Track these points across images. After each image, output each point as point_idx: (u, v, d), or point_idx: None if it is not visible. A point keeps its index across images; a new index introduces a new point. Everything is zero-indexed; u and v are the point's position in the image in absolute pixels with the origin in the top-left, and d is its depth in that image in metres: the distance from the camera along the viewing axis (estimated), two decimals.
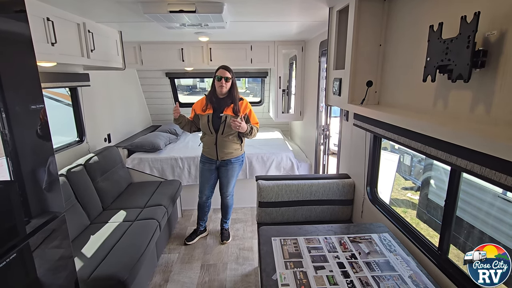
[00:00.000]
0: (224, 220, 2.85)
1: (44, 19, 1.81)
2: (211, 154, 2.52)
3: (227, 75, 2.34)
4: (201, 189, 2.68)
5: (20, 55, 1.11)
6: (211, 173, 2.60)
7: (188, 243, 2.74)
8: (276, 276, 1.26)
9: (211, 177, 2.62)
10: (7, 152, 1.03)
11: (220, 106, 2.41)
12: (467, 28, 0.92)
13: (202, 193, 2.68)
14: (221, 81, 2.33)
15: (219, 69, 2.37)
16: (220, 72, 2.35)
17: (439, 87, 1.16)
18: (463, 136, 0.88)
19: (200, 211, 2.77)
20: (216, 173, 2.63)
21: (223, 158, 2.51)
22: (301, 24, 2.66)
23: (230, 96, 2.39)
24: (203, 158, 2.61)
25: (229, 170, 2.57)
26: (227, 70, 2.35)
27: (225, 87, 2.35)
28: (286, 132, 5.00)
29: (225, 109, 2.40)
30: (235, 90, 2.40)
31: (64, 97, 2.93)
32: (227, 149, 2.47)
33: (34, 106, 1.14)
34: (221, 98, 2.40)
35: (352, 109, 1.70)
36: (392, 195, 4.13)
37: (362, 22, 1.58)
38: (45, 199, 1.22)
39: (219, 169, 2.59)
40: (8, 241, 1.03)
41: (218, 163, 2.56)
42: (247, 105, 2.47)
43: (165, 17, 2.03)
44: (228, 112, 2.39)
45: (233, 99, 2.39)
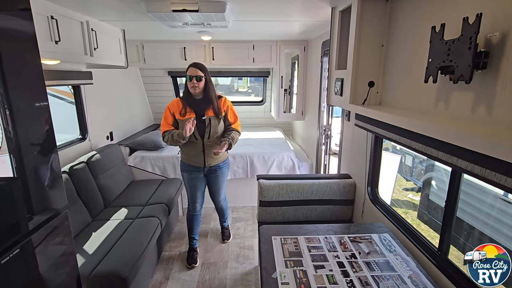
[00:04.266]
0: (222, 220, 2.82)
1: (48, 17, 1.82)
2: (197, 162, 2.29)
3: (199, 73, 2.08)
4: (192, 200, 2.41)
5: (25, 53, 1.12)
6: (200, 181, 2.38)
7: (195, 265, 2.44)
8: (276, 274, 1.26)
9: (202, 185, 2.41)
10: (11, 149, 1.04)
11: (199, 109, 2.17)
12: (469, 30, 0.92)
13: (194, 204, 2.43)
14: (192, 81, 2.07)
15: (190, 67, 2.10)
16: (190, 71, 2.08)
17: (440, 88, 1.17)
18: (464, 137, 0.88)
19: (193, 224, 2.49)
20: (205, 180, 2.42)
21: (211, 164, 2.31)
22: (304, 24, 2.66)
23: (206, 96, 2.16)
24: (187, 167, 2.33)
25: (219, 176, 2.40)
26: (198, 68, 2.09)
27: (198, 87, 2.09)
28: (288, 131, 5.00)
29: (205, 111, 2.18)
30: (210, 89, 2.15)
31: (67, 95, 2.95)
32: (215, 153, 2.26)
33: (38, 103, 1.15)
34: (199, 100, 2.17)
35: (354, 109, 1.70)
36: (393, 195, 4.13)
37: (365, 23, 1.58)
38: (47, 196, 1.23)
39: (208, 176, 2.39)
40: (11, 237, 1.04)
41: (206, 170, 2.35)
42: (226, 102, 2.25)
43: (168, 16, 2.04)
44: (210, 114, 2.18)
45: (210, 99, 2.16)
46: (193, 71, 2.08)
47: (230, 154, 3.27)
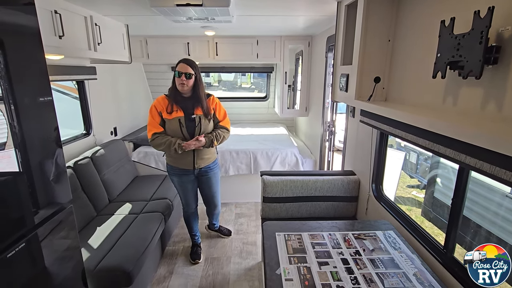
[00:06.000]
0: (213, 223, 2.72)
1: (52, 12, 1.81)
2: (186, 165, 2.15)
3: (189, 71, 1.96)
4: (187, 202, 2.35)
5: (29, 48, 1.12)
6: (192, 183, 2.29)
7: (199, 261, 2.44)
8: (280, 270, 1.26)
9: (194, 187, 2.33)
10: (16, 143, 1.05)
11: (187, 107, 2.05)
12: (480, 23, 0.89)
13: (189, 206, 2.37)
14: (181, 78, 1.95)
15: (180, 63, 1.98)
16: (180, 67, 1.96)
17: (449, 83, 1.14)
18: (473, 134, 0.86)
19: (192, 223, 2.48)
20: (196, 182, 2.32)
21: (201, 166, 2.19)
22: (308, 18, 2.63)
23: (195, 95, 2.04)
24: (175, 170, 2.20)
25: (211, 178, 2.30)
26: (189, 65, 1.97)
27: (186, 85, 1.97)
28: (291, 128, 4.98)
29: (194, 110, 2.06)
30: (200, 88, 2.03)
31: (71, 90, 2.96)
32: (205, 154, 2.18)
33: (42, 98, 1.15)
34: (187, 98, 2.05)
35: (359, 105, 1.68)
36: (397, 192, 4.11)
37: (371, 17, 1.55)
38: (52, 190, 1.24)
39: (200, 179, 2.29)
40: (17, 231, 1.05)
41: (196, 173, 2.23)
42: (214, 100, 2.15)
43: (171, 10, 2.02)
44: (199, 113, 2.07)
45: (199, 98, 2.04)
46: (183, 67, 1.96)
47: (233, 150, 3.28)
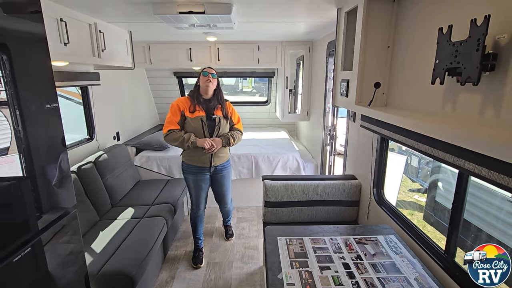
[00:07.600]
0: (227, 220, 2.87)
1: (58, 20, 1.85)
2: (203, 162, 2.30)
3: (214, 72, 2.23)
4: (196, 203, 2.43)
5: (36, 55, 1.14)
6: (206, 183, 2.40)
7: (201, 266, 2.47)
8: (282, 275, 1.27)
9: (206, 186, 2.43)
10: (20, 148, 1.06)
11: (208, 108, 2.24)
12: (477, 31, 0.91)
13: (198, 206, 2.44)
14: (207, 76, 2.17)
15: (205, 68, 2.24)
16: (206, 70, 2.22)
17: (447, 89, 1.16)
18: (472, 139, 0.88)
19: (198, 225, 2.53)
20: (210, 181, 2.44)
21: (217, 164, 2.34)
22: (309, 24, 2.66)
23: (216, 97, 2.26)
24: (191, 169, 2.33)
25: (225, 176, 2.44)
26: (213, 70, 2.25)
27: (212, 83, 2.19)
28: (293, 132, 5.00)
29: (215, 111, 2.25)
30: (221, 91, 2.30)
31: (74, 95, 2.99)
32: (221, 153, 2.34)
33: (49, 105, 1.17)
34: (208, 100, 2.24)
35: (360, 110, 1.69)
36: (399, 197, 4.10)
37: (371, 24, 1.58)
38: (56, 195, 1.25)
39: (214, 177, 2.41)
40: (21, 235, 1.06)
41: (212, 170, 2.36)
42: (230, 105, 2.36)
43: (174, 17, 2.06)
44: (218, 114, 2.26)
45: (220, 100, 2.27)
46: (208, 70, 2.21)
47: (235, 154, 3.29)
